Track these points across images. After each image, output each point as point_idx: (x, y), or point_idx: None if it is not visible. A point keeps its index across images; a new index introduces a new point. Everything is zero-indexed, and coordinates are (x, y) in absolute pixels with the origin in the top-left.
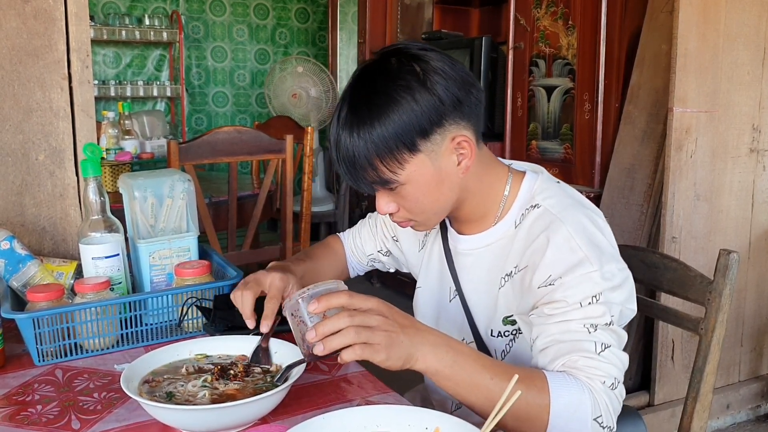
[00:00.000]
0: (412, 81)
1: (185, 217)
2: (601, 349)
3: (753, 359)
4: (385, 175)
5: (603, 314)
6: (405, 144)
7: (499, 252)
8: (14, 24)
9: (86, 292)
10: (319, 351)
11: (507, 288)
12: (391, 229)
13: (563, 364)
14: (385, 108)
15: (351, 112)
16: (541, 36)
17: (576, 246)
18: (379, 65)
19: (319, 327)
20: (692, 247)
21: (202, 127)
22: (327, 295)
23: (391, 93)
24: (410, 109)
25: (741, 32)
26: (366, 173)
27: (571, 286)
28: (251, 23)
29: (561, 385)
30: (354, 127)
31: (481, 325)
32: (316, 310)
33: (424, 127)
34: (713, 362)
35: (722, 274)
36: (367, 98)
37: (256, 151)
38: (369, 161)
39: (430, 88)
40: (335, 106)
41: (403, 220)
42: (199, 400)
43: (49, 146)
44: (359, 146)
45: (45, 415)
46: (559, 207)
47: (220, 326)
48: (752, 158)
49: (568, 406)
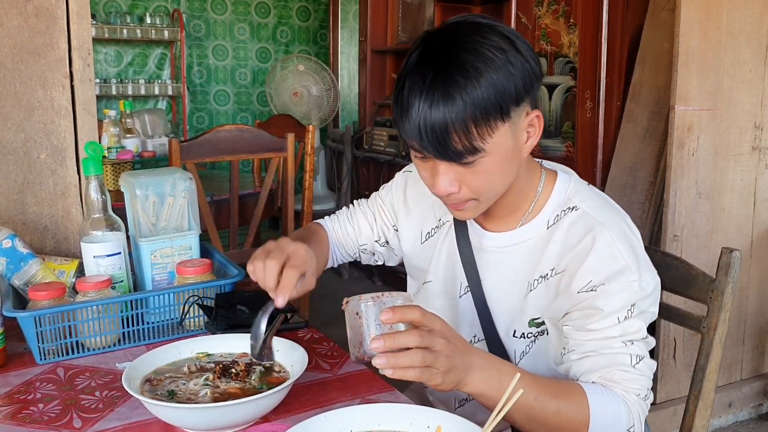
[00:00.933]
0: (503, 42)
1: (187, 216)
2: (636, 361)
3: (755, 358)
4: (475, 142)
5: (639, 329)
6: (501, 108)
7: (529, 252)
8: (16, 22)
9: (88, 290)
10: (381, 364)
11: (540, 290)
12: (393, 218)
13: (600, 377)
14: (484, 68)
15: (439, 73)
16: (543, 34)
17: (618, 253)
18: (455, 28)
19: (389, 339)
20: (694, 245)
21: (203, 126)
22: (401, 308)
23: (487, 53)
24: (508, 71)
25: (743, 29)
26: (453, 140)
27: (611, 294)
28: (252, 21)
29: (599, 401)
30: (448, 90)
31: (501, 324)
32: (389, 321)
33: (520, 92)
34: (715, 360)
35: (724, 272)
36: (458, 57)
37: (257, 150)
38: (464, 125)
39: (523, 54)
40: (399, 75)
41: (462, 200)
42: (201, 399)
43: (50, 145)
44: (455, 109)
45: (47, 413)
46: (598, 210)
47: (221, 324)
48: (754, 156)
49: (606, 419)
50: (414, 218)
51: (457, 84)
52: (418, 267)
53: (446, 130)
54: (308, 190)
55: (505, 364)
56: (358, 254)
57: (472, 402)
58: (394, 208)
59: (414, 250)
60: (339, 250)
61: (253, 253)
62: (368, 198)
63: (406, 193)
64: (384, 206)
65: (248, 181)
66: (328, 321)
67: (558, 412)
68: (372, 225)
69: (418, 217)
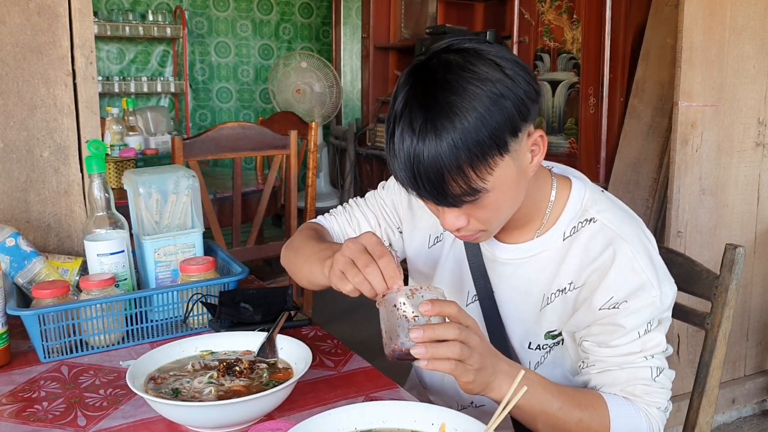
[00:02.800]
0: (491, 73)
1: (190, 213)
2: (657, 374)
3: (759, 354)
4: (474, 184)
5: (659, 342)
6: (497, 145)
7: (545, 264)
8: (18, 20)
9: (91, 288)
10: (420, 353)
11: (557, 304)
12: (398, 221)
13: (621, 390)
14: (470, 107)
15: (428, 118)
16: (546, 30)
17: (639, 268)
18: (439, 62)
19: (428, 329)
20: (698, 241)
21: (206, 123)
22: (440, 301)
23: (474, 89)
24: (499, 104)
25: (747, 25)
26: (451, 185)
27: (633, 312)
28: (255, 18)
29: (620, 412)
30: (437, 133)
31: (515, 336)
32: (429, 312)
33: (515, 121)
34: (719, 357)
35: (728, 268)
36: (444, 99)
37: (260, 147)
38: (460, 169)
39: (513, 78)
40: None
41: (472, 233)
42: (205, 397)
43: (53, 143)
44: (446, 154)
45: (51, 411)
46: (617, 222)
47: (225, 322)
48: (758, 152)
49: (626, 429)
50: (420, 221)
51: (445, 129)
52: (422, 272)
53: (442, 177)
54: (311, 188)
55: (531, 372)
56: None
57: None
58: (397, 210)
59: (419, 254)
60: None
61: (331, 275)
62: (367, 195)
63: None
64: (386, 207)
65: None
66: (331, 318)
67: (581, 422)
68: (375, 226)
69: (425, 220)
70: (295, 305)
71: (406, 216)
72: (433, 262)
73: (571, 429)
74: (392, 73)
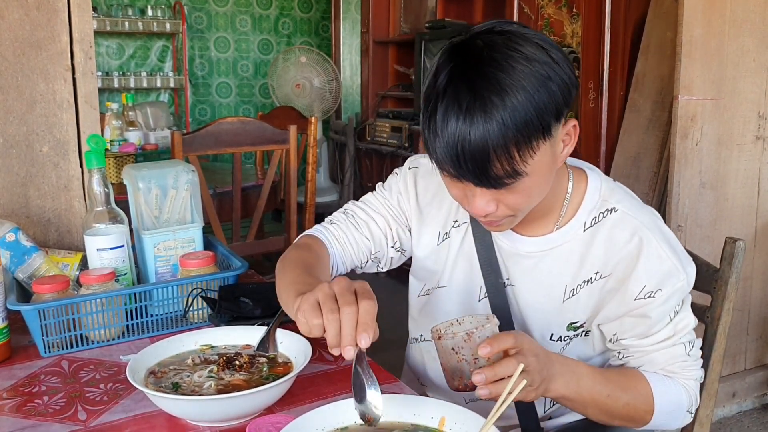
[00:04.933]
0: (538, 54)
1: (189, 208)
2: (690, 348)
3: (759, 347)
4: (517, 166)
5: (689, 321)
6: (543, 127)
7: (567, 256)
8: (17, 15)
9: (91, 283)
10: (484, 394)
11: (582, 295)
12: (406, 220)
13: (662, 369)
14: (519, 85)
15: (476, 95)
16: (546, 24)
17: (664, 254)
18: (483, 42)
19: (489, 372)
20: (698, 235)
21: (205, 118)
22: (496, 339)
23: (522, 68)
24: (546, 85)
25: (747, 18)
26: (495, 166)
27: (667, 299)
28: (254, 13)
29: (663, 390)
30: (486, 111)
31: (535, 328)
32: (489, 355)
33: (560, 105)
34: (719, 351)
35: (728, 262)
36: (492, 75)
37: (259, 142)
38: (506, 149)
39: (558, 62)
40: (429, 96)
41: (499, 218)
42: (205, 391)
43: (53, 138)
44: (494, 132)
45: (52, 406)
46: (636, 210)
47: (225, 317)
48: (758, 146)
49: (669, 405)
50: (428, 218)
51: (495, 106)
52: (429, 269)
53: (487, 156)
54: (311, 182)
55: (579, 365)
56: (364, 264)
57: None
58: (403, 209)
59: (428, 252)
60: (341, 263)
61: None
62: (365, 198)
63: (417, 191)
64: (392, 207)
65: (251, 173)
66: None
67: (627, 405)
68: (385, 229)
69: (433, 217)
70: None
71: (414, 214)
72: (442, 259)
73: (619, 411)
74: (392, 67)
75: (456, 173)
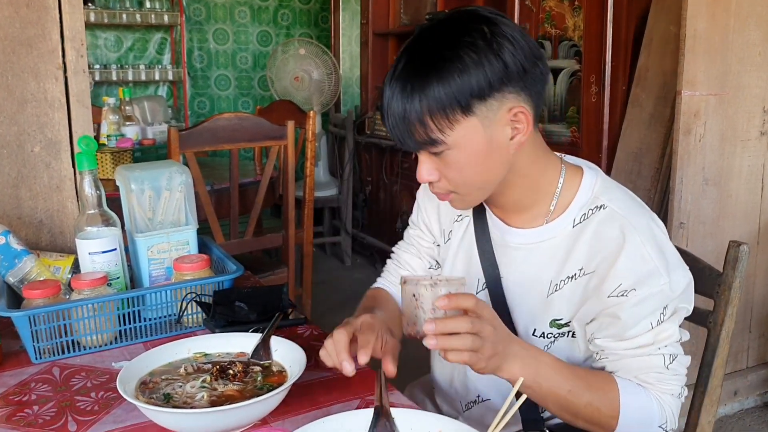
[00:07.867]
0: (478, 40)
1: (184, 210)
2: (670, 361)
3: (761, 345)
4: (433, 134)
5: (672, 333)
6: (459, 103)
7: (553, 251)
8: (6, 13)
9: (83, 288)
10: (431, 345)
11: (565, 291)
12: (432, 237)
13: (635, 377)
14: (444, 64)
15: (408, 67)
16: (547, 17)
17: (647, 255)
18: (445, 23)
19: (440, 324)
20: (700, 232)
21: (204, 111)
22: (456, 296)
23: (455, 49)
24: (472, 68)
25: (753, 11)
26: (414, 130)
27: (642, 299)
28: (253, 4)
29: (632, 398)
30: (409, 81)
31: (520, 322)
32: (445, 307)
33: (483, 89)
34: (722, 356)
35: (732, 266)
36: (427, 53)
37: (257, 138)
38: (419, 117)
39: (497, 51)
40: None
41: (442, 191)
42: (198, 402)
43: (44, 137)
44: (412, 101)
45: (41, 416)
46: (626, 209)
47: (219, 321)
48: (762, 142)
49: (637, 413)
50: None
51: (418, 75)
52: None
53: (405, 119)
54: (309, 177)
55: (544, 354)
56: None
57: (480, 404)
58: (430, 228)
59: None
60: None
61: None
62: (406, 233)
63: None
64: (423, 236)
65: (249, 169)
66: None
67: (590, 404)
68: (420, 256)
69: (443, 216)
70: (291, 303)
71: (435, 227)
72: (448, 255)
73: (580, 410)
74: (391, 59)
75: (395, 140)
